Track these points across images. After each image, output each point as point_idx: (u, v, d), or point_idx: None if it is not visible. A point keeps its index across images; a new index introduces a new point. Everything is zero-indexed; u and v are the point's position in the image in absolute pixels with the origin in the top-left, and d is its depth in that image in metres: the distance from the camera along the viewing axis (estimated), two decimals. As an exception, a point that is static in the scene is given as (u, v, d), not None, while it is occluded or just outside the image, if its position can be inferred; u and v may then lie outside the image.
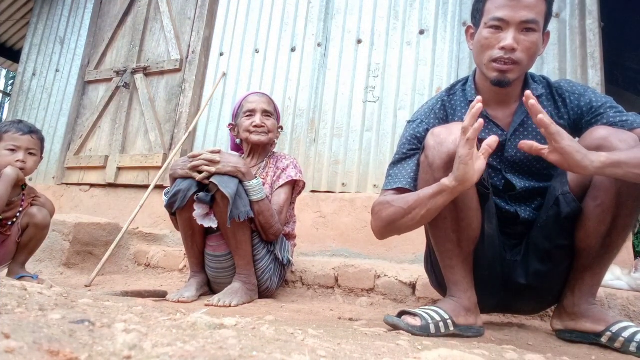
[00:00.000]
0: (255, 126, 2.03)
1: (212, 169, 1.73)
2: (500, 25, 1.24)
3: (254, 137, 2.04)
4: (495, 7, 1.25)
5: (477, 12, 1.33)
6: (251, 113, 2.06)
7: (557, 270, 1.32)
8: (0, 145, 1.83)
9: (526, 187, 1.35)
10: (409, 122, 1.44)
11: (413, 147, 1.36)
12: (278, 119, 2.17)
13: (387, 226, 1.29)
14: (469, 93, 1.39)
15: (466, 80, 1.45)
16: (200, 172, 1.76)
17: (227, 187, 1.70)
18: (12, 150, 1.83)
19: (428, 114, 1.41)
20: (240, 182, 1.76)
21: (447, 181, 1.14)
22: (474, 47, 1.35)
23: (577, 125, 1.32)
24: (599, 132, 1.18)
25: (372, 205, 1.35)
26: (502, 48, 1.23)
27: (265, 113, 2.07)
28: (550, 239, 1.29)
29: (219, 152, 1.79)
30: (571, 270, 1.31)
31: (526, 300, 1.40)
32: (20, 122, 1.90)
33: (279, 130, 2.19)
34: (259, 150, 2.10)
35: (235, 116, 2.15)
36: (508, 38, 1.22)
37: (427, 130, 1.33)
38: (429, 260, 1.49)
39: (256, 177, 1.83)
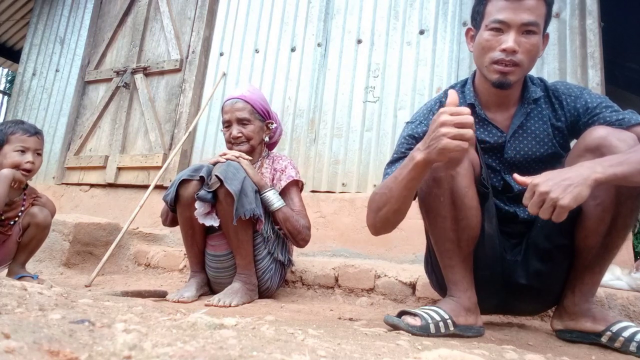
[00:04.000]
0: (234, 138, 1.98)
1: (235, 156, 1.84)
2: (501, 28, 1.24)
3: (235, 149, 1.99)
4: (496, 9, 1.25)
5: (478, 15, 1.33)
6: (227, 124, 2.01)
7: (557, 270, 1.32)
8: (8, 147, 1.83)
9: (524, 188, 1.35)
10: (407, 122, 1.45)
11: (410, 146, 1.35)
12: (264, 116, 2.05)
13: (376, 216, 1.27)
14: (468, 95, 1.39)
15: (465, 82, 1.45)
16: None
17: (232, 183, 1.69)
18: (21, 151, 1.84)
19: (427, 114, 1.42)
20: (259, 193, 1.80)
21: (418, 156, 1.11)
22: (474, 49, 1.35)
23: (575, 127, 1.33)
24: (597, 132, 1.19)
25: None
26: (503, 50, 1.24)
27: (241, 122, 1.98)
28: (550, 238, 1.29)
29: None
30: (571, 270, 1.31)
31: (526, 300, 1.40)
32: (23, 122, 1.90)
33: (269, 125, 2.07)
34: (249, 154, 2.05)
35: None
36: (509, 40, 1.23)
37: (425, 131, 1.33)
38: (429, 262, 1.49)
39: (271, 188, 1.84)
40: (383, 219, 1.27)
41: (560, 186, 1.02)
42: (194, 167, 1.86)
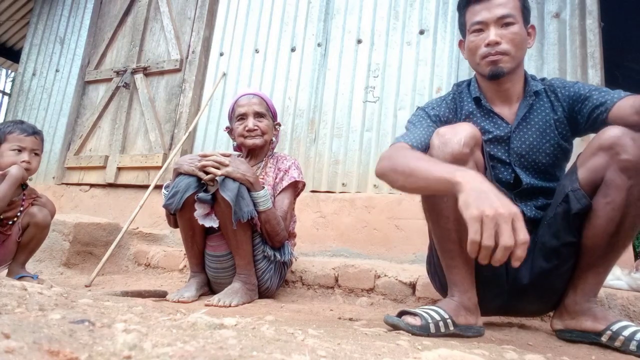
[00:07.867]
0: (248, 130, 2.00)
1: (219, 172, 1.72)
2: (481, 28, 1.38)
3: (249, 142, 2.01)
4: (473, 14, 1.40)
5: (462, 26, 1.46)
6: (243, 117, 2.02)
7: (561, 268, 1.32)
8: (5, 145, 1.85)
9: (531, 183, 1.39)
10: (419, 107, 1.51)
11: (423, 117, 1.43)
12: (274, 117, 2.12)
13: (386, 173, 1.25)
14: (473, 90, 1.48)
15: (469, 81, 1.53)
16: (207, 173, 1.75)
17: (228, 190, 1.70)
18: (17, 150, 1.85)
19: (440, 103, 1.49)
20: (248, 191, 1.76)
21: (460, 178, 1.03)
22: (467, 55, 1.46)
23: (572, 115, 1.39)
24: (611, 131, 1.19)
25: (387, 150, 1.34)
26: (487, 44, 1.35)
27: (257, 115, 2.01)
28: (558, 236, 1.29)
29: (229, 156, 1.79)
30: (574, 269, 1.31)
31: (530, 301, 1.40)
32: (22, 122, 1.92)
33: (277, 127, 2.14)
34: (257, 151, 2.08)
35: (231, 119, 2.14)
36: (490, 35, 1.35)
37: (436, 115, 1.43)
38: (432, 263, 1.49)
39: (263, 187, 1.82)
40: (390, 180, 1.25)
41: None
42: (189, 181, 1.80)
